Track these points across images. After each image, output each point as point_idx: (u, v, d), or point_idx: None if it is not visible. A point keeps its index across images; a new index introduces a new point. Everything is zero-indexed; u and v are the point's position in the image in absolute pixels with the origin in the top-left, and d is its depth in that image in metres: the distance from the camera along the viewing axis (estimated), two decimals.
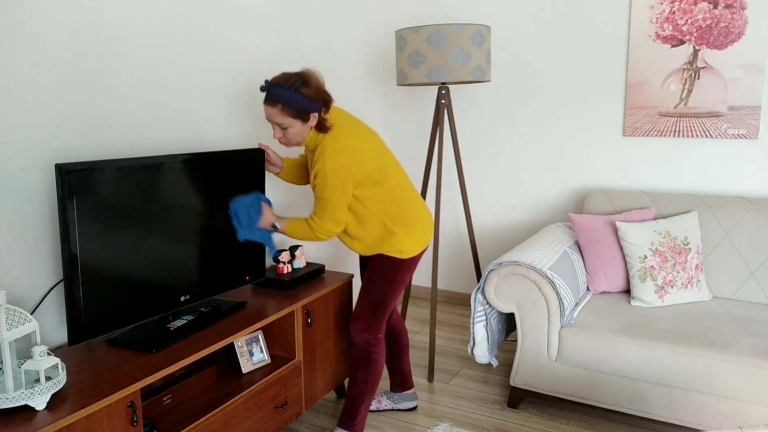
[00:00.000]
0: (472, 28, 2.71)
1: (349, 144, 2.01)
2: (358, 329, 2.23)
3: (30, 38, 1.76)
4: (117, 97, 2.05)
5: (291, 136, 2.02)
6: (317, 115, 1.99)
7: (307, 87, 1.94)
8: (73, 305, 1.68)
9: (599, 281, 2.72)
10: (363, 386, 2.25)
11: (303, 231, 2.11)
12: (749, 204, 2.71)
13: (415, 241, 2.18)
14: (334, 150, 1.98)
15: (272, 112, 1.97)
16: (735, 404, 2.14)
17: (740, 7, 2.80)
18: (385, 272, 2.18)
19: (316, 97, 1.96)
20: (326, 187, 2.00)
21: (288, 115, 1.96)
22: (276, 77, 1.97)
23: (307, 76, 1.97)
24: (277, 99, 1.94)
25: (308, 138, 2.06)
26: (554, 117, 3.39)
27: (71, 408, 1.49)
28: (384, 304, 2.21)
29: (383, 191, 2.11)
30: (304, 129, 2.01)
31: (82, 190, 1.66)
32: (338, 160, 1.98)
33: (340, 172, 1.98)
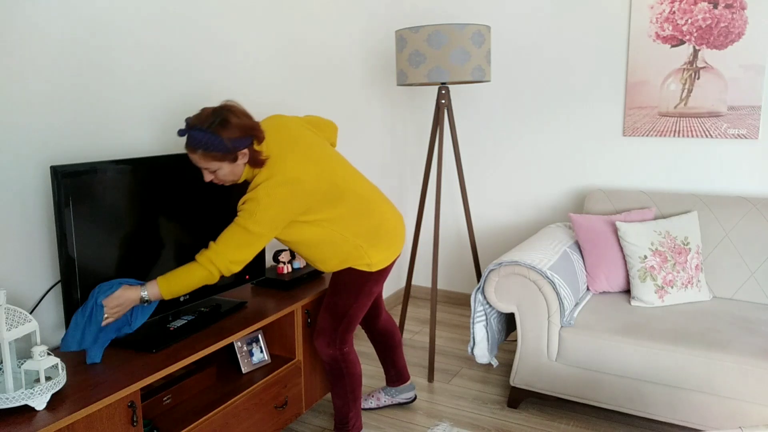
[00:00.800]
0: (472, 28, 2.71)
1: (293, 174, 1.82)
2: (323, 345, 2.15)
3: (26, 40, 1.76)
4: (114, 98, 2.05)
5: (222, 177, 1.83)
6: (247, 151, 1.79)
7: (226, 127, 1.74)
8: (71, 306, 1.68)
9: (599, 281, 2.72)
10: (344, 398, 2.21)
11: (186, 276, 1.77)
12: (749, 204, 2.71)
13: (385, 253, 2.06)
14: (274, 182, 1.79)
15: (194, 158, 1.78)
16: (735, 404, 2.14)
17: (740, 7, 2.81)
18: (352, 285, 2.06)
19: (241, 134, 1.76)
20: (253, 216, 1.77)
21: (212, 159, 1.76)
22: (192, 117, 1.77)
23: (227, 113, 1.75)
24: (196, 144, 1.73)
25: (244, 173, 1.87)
26: (554, 117, 3.39)
27: (71, 408, 1.49)
28: (348, 317, 2.11)
29: (342, 207, 1.96)
30: (235, 167, 1.81)
31: (79, 192, 1.66)
32: (278, 191, 1.79)
33: (276, 204, 1.79)
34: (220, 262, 1.78)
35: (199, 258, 1.79)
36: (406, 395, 2.61)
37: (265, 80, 2.72)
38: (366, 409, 2.61)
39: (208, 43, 2.40)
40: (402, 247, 2.15)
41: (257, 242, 1.80)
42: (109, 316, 1.72)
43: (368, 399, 2.63)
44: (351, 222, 1.98)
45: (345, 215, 1.96)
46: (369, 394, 2.65)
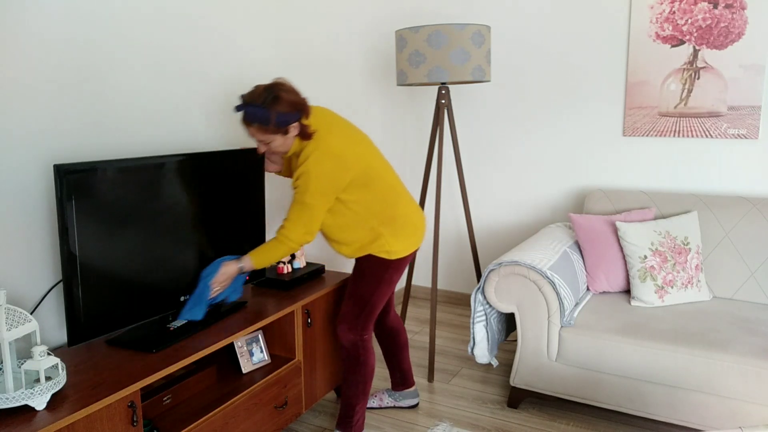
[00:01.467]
0: (472, 28, 2.71)
1: (334, 149, 1.98)
2: (344, 330, 2.22)
3: (28, 39, 1.76)
4: (116, 98, 2.05)
5: (275, 149, 2.01)
6: (297, 124, 1.97)
7: (278, 102, 1.90)
8: (72, 306, 1.68)
9: (599, 281, 2.72)
10: (355, 388, 2.25)
11: (272, 250, 2.03)
12: (749, 204, 2.71)
13: (404, 243, 2.15)
14: (320, 154, 1.96)
15: (251, 131, 1.97)
16: (735, 404, 2.14)
17: (740, 7, 2.81)
18: (373, 273, 2.16)
19: (291, 109, 1.92)
20: (307, 190, 1.96)
21: (267, 132, 1.94)
22: (247, 94, 1.93)
23: (279, 90, 1.91)
24: (252, 119, 1.92)
25: (293, 147, 2.04)
26: (554, 117, 3.39)
27: (71, 408, 1.49)
28: (370, 305, 2.19)
29: (370, 193, 2.08)
30: (286, 140, 1.99)
31: (81, 191, 1.66)
32: (322, 164, 1.96)
33: (324, 176, 1.96)
34: (293, 236, 2.01)
35: (278, 235, 2.04)
36: (410, 401, 2.60)
37: (266, 80, 2.72)
38: (368, 408, 2.61)
39: (209, 44, 2.40)
40: (421, 241, 2.25)
41: (316, 212, 2.00)
42: (219, 288, 2.03)
43: (371, 398, 2.63)
44: (377, 208, 2.10)
45: (372, 201, 2.08)
46: (372, 394, 2.65)
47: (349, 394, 2.26)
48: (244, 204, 2.28)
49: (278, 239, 2.03)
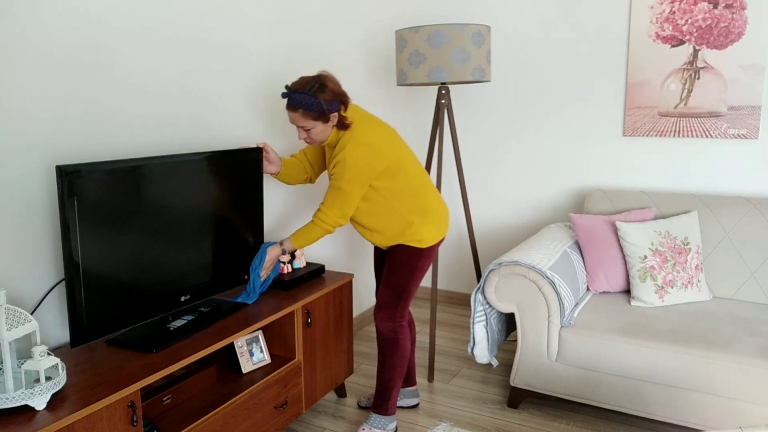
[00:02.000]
0: (472, 28, 2.71)
1: (369, 138, 2.11)
2: (383, 318, 2.30)
3: (29, 39, 1.76)
4: (117, 98, 2.05)
5: (314, 136, 2.13)
6: (337, 114, 2.10)
7: (323, 91, 2.04)
8: (74, 307, 1.68)
9: (599, 281, 2.72)
10: (392, 371, 2.33)
11: (309, 232, 2.19)
12: (749, 204, 2.71)
13: (433, 231, 2.26)
14: (356, 144, 2.09)
15: (294, 116, 2.09)
16: (735, 404, 2.14)
17: (740, 7, 2.81)
18: (406, 262, 2.25)
19: (333, 99, 2.06)
20: (343, 177, 2.09)
21: (309, 118, 2.07)
22: (295, 83, 2.08)
23: (324, 80, 2.06)
24: (297, 104, 2.05)
25: (331, 137, 2.16)
26: (554, 117, 3.39)
27: (71, 408, 1.49)
28: (406, 291, 2.28)
29: (400, 183, 2.18)
30: (326, 128, 2.12)
31: (83, 192, 1.66)
32: (359, 152, 2.08)
33: (359, 164, 2.08)
34: (328, 219, 2.15)
35: (314, 218, 2.18)
36: (410, 400, 2.61)
37: (266, 79, 2.72)
38: (367, 408, 2.62)
39: (209, 44, 2.40)
40: (447, 230, 2.36)
41: (351, 198, 2.13)
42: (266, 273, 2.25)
43: (370, 398, 2.63)
44: (406, 198, 2.21)
45: (401, 190, 2.20)
46: (371, 395, 2.66)
47: (386, 377, 2.33)
48: (244, 203, 2.28)
49: (314, 222, 2.17)
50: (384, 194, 2.18)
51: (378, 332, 2.33)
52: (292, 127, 2.91)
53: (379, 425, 2.35)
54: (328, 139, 2.16)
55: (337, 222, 2.16)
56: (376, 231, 2.27)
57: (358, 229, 2.33)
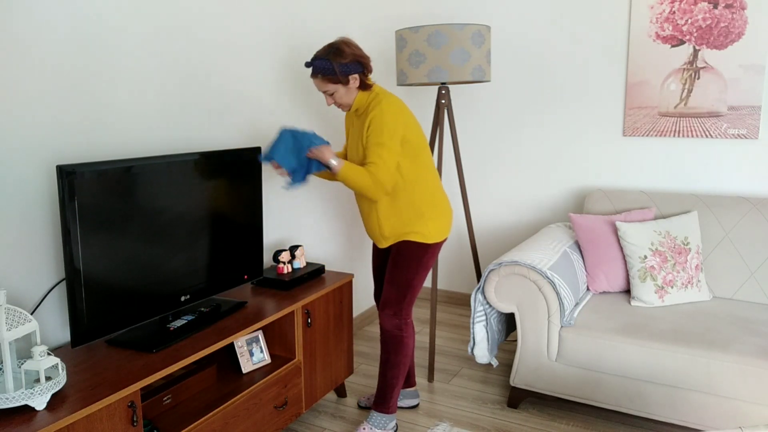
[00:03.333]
0: (472, 28, 2.71)
1: (397, 101, 2.17)
2: (388, 315, 2.30)
3: (30, 39, 1.76)
4: (117, 98, 2.05)
5: (339, 99, 2.19)
6: (357, 76, 2.15)
7: (340, 54, 2.11)
8: (75, 307, 1.68)
9: (599, 281, 2.72)
10: (395, 370, 2.32)
11: (361, 177, 2.09)
12: (749, 204, 2.71)
13: (440, 227, 2.26)
14: (386, 103, 2.13)
15: (317, 82, 2.17)
16: (735, 404, 2.14)
17: (740, 7, 2.81)
18: (411, 258, 2.25)
19: (351, 60, 2.13)
20: (383, 131, 2.09)
21: (329, 82, 2.14)
22: (317, 51, 2.16)
23: (340, 44, 2.13)
24: (316, 70, 2.14)
25: (357, 100, 2.20)
26: (554, 117, 3.39)
27: (71, 408, 1.49)
28: (411, 288, 2.28)
29: (419, 168, 2.20)
30: (349, 91, 2.17)
31: (83, 192, 1.66)
32: (392, 107, 2.13)
33: (394, 117, 2.11)
34: (378, 173, 2.10)
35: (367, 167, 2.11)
36: (410, 401, 2.61)
37: (266, 79, 2.72)
38: (366, 408, 2.62)
39: (209, 44, 2.40)
40: (451, 229, 2.37)
41: (392, 153, 2.11)
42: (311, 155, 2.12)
43: (370, 398, 2.63)
44: (423, 187, 2.22)
45: (420, 177, 2.21)
46: (372, 395, 2.66)
47: (389, 375, 2.33)
48: (244, 202, 2.28)
49: (368, 169, 2.10)
50: (404, 173, 2.18)
51: (382, 330, 2.33)
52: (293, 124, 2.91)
53: (380, 424, 2.35)
54: (354, 103, 2.20)
55: (387, 179, 2.10)
56: (384, 213, 2.24)
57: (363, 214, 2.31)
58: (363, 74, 2.17)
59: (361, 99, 2.20)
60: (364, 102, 2.21)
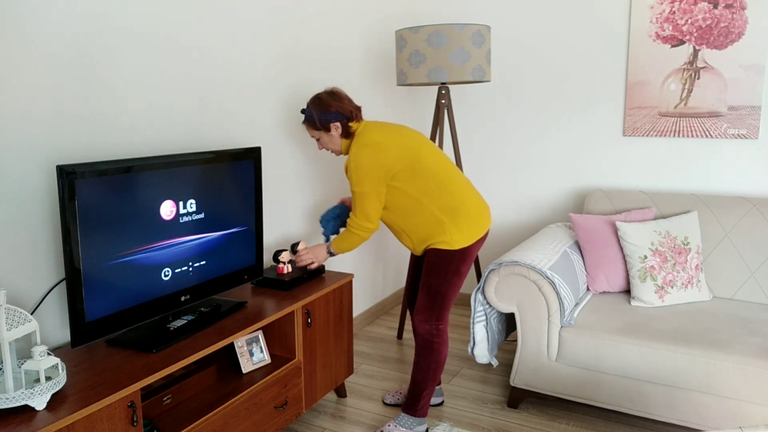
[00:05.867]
0: (472, 28, 2.71)
1: (374, 139, 2.18)
2: (420, 321, 2.31)
3: (30, 39, 1.76)
4: (117, 98, 2.05)
5: (324, 144, 2.33)
6: (338, 124, 2.24)
7: (319, 103, 2.25)
8: (75, 307, 1.68)
9: (599, 281, 2.72)
10: (426, 373, 2.33)
11: (346, 239, 2.28)
12: (749, 204, 2.71)
13: (466, 232, 2.23)
14: (358, 146, 2.18)
15: (306, 127, 2.34)
16: (735, 404, 2.14)
17: (740, 7, 2.81)
18: (440, 265, 2.24)
19: (329, 110, 2.23)
20: (355, 179, 2.17)
21: (313, 129, 2.30)
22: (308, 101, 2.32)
23: (323, 96, 2.26)
24: (304, 118, 2.32)
25: (344, 145, 2.30)
26: (554, 117, 3.39)
27: (71, 408, 1.49)
28: (441, 295, 2.27)
29: (424, 182, 2.20)
30: (332, 138, 2.29)
31: (83, 191, 1.66)
32: (361, 152, 2.16)
33: (364, 163, 2.15)
34: (356, 225, 2.24)
35: (348, 226, 2.27)
36: (434, 399, 2.63)
37: (265, 79, 2.72)
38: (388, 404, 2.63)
39: (210, 44, 2.40)
40: (485, 230, 2.30)
41: (368, 199, 2.19)
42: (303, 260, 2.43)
43: (395, 395, 2.64)
44: (436, 196, 2.22)
45: (429, 189, 2.21)
46: (396, 391, 2.66)
47: (419, 379, 2.34)
48: (244, 202, 2.28)
49: (348, 229, 2.28)
50: (410, 193, 2.20)
51: (415, 333, 2.34)
52: (293, 126, 2.91)
53: (407, 425, 2.36)
54: (343, 148, 2.31)
55: (365, 226, 2.22)
56: (406, 233, 2.29)
57: (393, 232, 2.36)
58: (346, 123, 2.24)
59: (345, 145, 2.30)
60: (347, 148, 2.31)
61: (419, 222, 2.23)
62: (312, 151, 3.07)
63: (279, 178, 2.86)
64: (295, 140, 2.94)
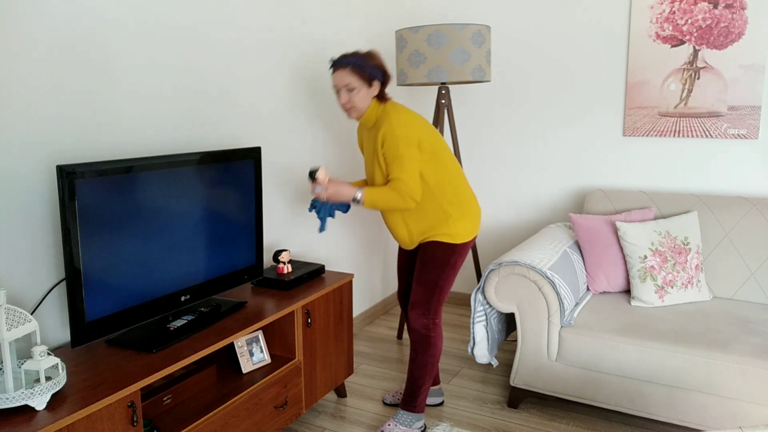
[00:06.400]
0: (472, 28, 2.71)
1: (409, 113, 2.19)
2: (417, 315, 2.30)
3: (29, 39, 1.76)
4: (118, 98, 2.05)
5: (356, 100, 2.17)
6: (379, 84, 2.19)
7: (372, 57, 2.18)
8: (75, 307, 1.68)
9: (599, 281, 2.72)
10: (423, 369, 2.33)
11: (388, 196, 2.12)
12: (749, 204, 2.71)
13: (468, 226, 2.26)
14: (397, 114, 2.15)
15: (342, 74, 2.17)
16: (735, 404, 2.14)
17: (740, 7, 2.81)
18: (439, 258, 2.25)
19: (379, 67, 2.18)
20: (398, 144, 2.10)
21: (356, 76, 2.15)
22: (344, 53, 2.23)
23: (371, 52, 2.21)
24: (347, 62, 2.16)
25: (369, 110, 2.20)
26: (554, 117, 3.39)
27: (71, 408, 1.49)
28: (439, 288, 2.28)
29: (440, 170, 2.21)
30: (368, 95, 2.19)
31: (83, 191, 1.66)
32: (401, 117, 2.14)
33: (405, 126, 2.12)
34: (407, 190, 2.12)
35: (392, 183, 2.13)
36: (434, 399, 2.63)
37: (265, 79, 2.72)
38: (388, 404, 2.63)
39: (209, 43, 2.40)
40: (479, 229, 2.36)
41: (413, 162, 2.13)
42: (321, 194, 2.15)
43: (395, 395, 2.64)
44: (446, 188, 2.22)
45: (442, 179, 2.21)
46: (396, 391, 2.66)
47: (416, 375, 2.34)
48: (244, 202, 2.28)
49: (395, 188, 2.12)
50: (427, 180, 2.19)
51: (411, 329, 2.34)
52: (293, 126, 2.91)
53: (406, 422, 2.36)
54: (365, 114, 2.21)
55: (415, 189, 2.12)
56: (406, 222, 2.26)
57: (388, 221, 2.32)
58: (383, 86, 2.21)
59: (372, 111, 2.22)
60: (373, 116, 2.22)
61: (426, 211, 2.23)
62: (312, 151, 3.07)
63: (279, 178, 2.86)
64: (295, 139, 2.94)
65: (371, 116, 2.22)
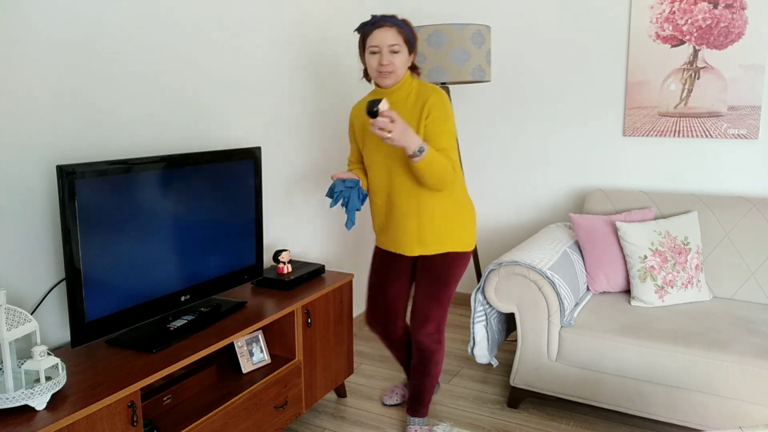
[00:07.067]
0: (472, 28, 2.71)
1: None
2: (430, 332, 2.24)
3: (30, 38, 1.76)
4: (117, 98, 2.05)
5: (398, 63, 2.05)
6: (413, 56, 2.13)
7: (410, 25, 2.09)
8: (75, 307, 1.68)
9: (599, 281, 2.72)
10: (434, 378, 2.34)
11: (444, 161, 1.99)
12: (749, 204, 2.71)
13: (473, 231, 2.24)
14: (441, 94, 2.07)
15: (388, 33, 2.03)
16: (735, 404, 2.14)
17: (740, 7, 2.81)
18: (458, 271, 2.22)
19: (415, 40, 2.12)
20: (448, 116, 2.05)
21: (402, 39, 2.05)
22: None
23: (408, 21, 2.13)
24: (394, 22, 2.04)
25: (404, 80, 2.10)
26: (554, 117, 3.39)
27: (71, 408, 1.49)
28: (448, 301, 2.26)
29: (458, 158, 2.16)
30: (407, 61, 2.10)
31: (83, 191, 1.66)
32: (445, 99, 2.07)
33: (450, 106, 2.08)
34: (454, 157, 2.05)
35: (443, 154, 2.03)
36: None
37: (264, 79, 2.72)
38: (391, 405, 2.63)
39: (209, 43, 2.40)
40: None
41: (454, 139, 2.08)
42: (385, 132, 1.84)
43: (391, 396, 2.64)
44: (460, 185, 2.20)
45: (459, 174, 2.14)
46: (391, 391, 2.66)
47: (429, 384, 2.34)
48: (244, 202, 2.28)
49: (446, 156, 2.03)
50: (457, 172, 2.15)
51: (421, 347, 2.26)
52: (293, 126, 2.91)
53: (422, 424, 2.41)
54: (399, 83, 2.09)
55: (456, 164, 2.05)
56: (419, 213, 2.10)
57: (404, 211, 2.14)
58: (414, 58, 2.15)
59: (408, 82, 2.11)
60: (407, 86, 2.10)
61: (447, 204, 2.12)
62: (312, 151, 3.07)
63: (279, 178, 2.86)
64: (295, 140, 2.94)
65: (406, 86, 2.10)
